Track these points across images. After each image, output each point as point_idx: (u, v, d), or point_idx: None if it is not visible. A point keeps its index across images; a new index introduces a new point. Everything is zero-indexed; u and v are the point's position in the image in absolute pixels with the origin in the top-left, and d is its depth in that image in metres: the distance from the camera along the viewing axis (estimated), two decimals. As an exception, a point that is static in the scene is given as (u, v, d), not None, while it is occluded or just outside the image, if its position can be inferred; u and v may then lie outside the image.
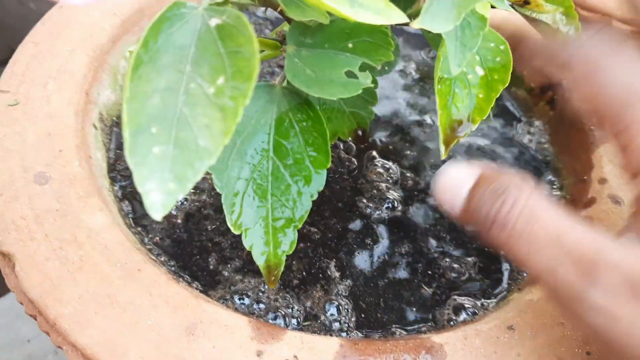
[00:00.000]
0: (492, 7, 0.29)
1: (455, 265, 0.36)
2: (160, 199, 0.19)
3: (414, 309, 0.34)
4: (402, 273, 0.36)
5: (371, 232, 0.37)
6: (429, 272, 0.36)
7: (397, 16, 0.22)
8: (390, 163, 0.41)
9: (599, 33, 0.29)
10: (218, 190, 0.27)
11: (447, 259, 0.37)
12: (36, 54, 0.39)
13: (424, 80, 0.49)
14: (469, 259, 0.37)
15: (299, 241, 0.29)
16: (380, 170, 0.41)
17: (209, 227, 0.36)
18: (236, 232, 0.27)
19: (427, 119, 0.46)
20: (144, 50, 0.21)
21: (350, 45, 0.27)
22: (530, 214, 0.24)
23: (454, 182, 0.25)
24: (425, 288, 0.35)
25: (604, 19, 0.59)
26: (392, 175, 0.41)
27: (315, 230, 0.37)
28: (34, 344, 0.60)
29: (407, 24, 0.23)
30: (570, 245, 0.23)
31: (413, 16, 0.31)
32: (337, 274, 0.35)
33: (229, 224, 0.27)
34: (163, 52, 0.21)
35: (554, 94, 0.47)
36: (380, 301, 0.34)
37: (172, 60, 0.22)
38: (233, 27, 0.22)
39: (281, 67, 0.46)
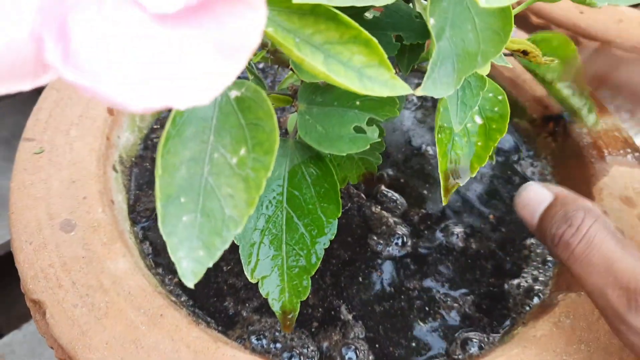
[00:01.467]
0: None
1: (463, 300, 0.38)
2: (191, 267, 0.21)
3: (426, 345, 0.36)
4: (413, 309, 0.37)
5: (382, 269, 0.39)
6: (438, 307, 0.37)
7: (401, 88, 0.23)
8: (397, 196, 0.43)
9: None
10: (236, 242, 0.29)
11: (455, 294, 0.38)
12: (58, 100, 0.41)
13: (427, 110, 0.51)
14: (475, 293, 0.38)
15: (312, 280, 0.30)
16: (389, 204, 0.42)
17: (225, 267, 0.38)
18: (253, 281, 0.29)
19: (430, 149, 0.47)
20: (172, 126, 0.22)
21: (357, 103, 0.29)
22: (590, 240, 0.28)
23: (533, 201, 0.30)
24: (435, 323, 0.37)
25: (605, 46, 0.61)
26: (400, 209, 0.42)
27: (328, 268, 0.38)
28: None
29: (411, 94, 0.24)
30: (620, 273, 0.27)
31: (417, 68, 0.33)
32: (350, 314, 0.36)
33: (246, 273, 0.29)
34: (188, 124, 0.23)
35: (556, 125, 0.48)
36: (393, 338, 0.36)
37: (196, 131, 0.23)
38: (252, 100, 0.23)
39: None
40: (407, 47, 0.30)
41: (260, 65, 0.53)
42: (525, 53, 0.35)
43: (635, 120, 0.76)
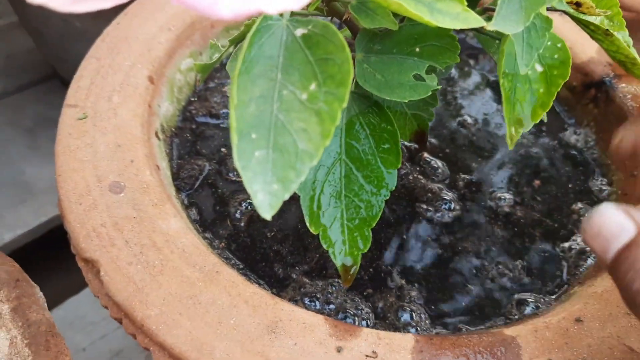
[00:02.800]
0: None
1: (515, 264, 0.37)
2: (267, 200, 0.20)
3: (480, 306, 0.35)
4: (465, 273, 0.36)
5: (432, 234, 0.38)
6: (490, 271, 0.37)
7: (474, 20, 0.23)
8: (440, 163, 0.42)
9: None
10: (297, 192, 0.28)
11: (507, 258, 0.37)
12: (99, 68, 0.41)
13: (462, 81, 0.50)
14: (527, 257, 0.38)
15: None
16: (433, 171, 0.42)
17: (274, 230, 0.37)
18: (315, 232, 0.28)
19: (468, 118, 0.47)
20: (242, 62, 0.22)
21: (417, 49, 0.28)
22: None
23: (608, 232, 0.24)
24: (488, 286, 0.36)
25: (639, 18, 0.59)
26: (444, 176, 0.42)
27: (380, 234, 0.38)
28: (89, 352, 0.62)
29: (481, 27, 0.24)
30: None
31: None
32: (403, 277, 0.36)
33: (307, 224, 0.28)
34: (255, 62, 0.23)
35: (597, 91, 0.48)
36: (447, 300, 0.35)
37: (264, 69, 0.23)
38: (320, 35, 0.23)
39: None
40: (466, -7, 0.29)
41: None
42: (578, 5, 0.34)
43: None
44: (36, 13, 0.74)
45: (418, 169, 0.42)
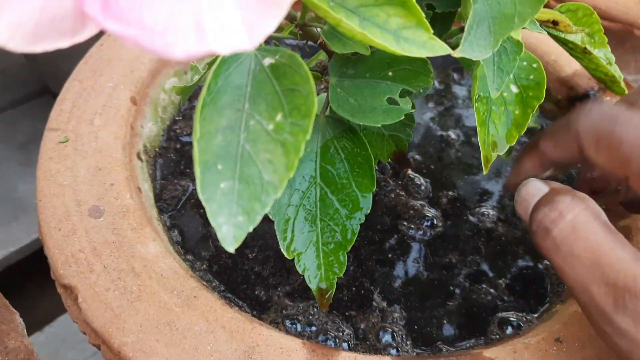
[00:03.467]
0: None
1: (498, 282, 0.37)
2: (232, 232, 0.20)
3: (461, 326, 0.35)
4: (448, 291, 0.36)
5: (413, 252, 0.38)
6: (473, 290, 0.37)
7: (441, 48, 0.23)
8: (424, 180, 0.42)
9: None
10: (271, 217, 0.28)
11: (489, 276, 0.37)
12: (81, 91, 0.41)
13: (447, 96, 0.50)
14: (510, 273, 0.37)
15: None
16: (416, 188, 0.42)
17: (255, 250, 0.37)
18: (289, 257, 0.28)
19: (451, 134, 0.47)
20: (207, 93, 0.22)
21: (390, 73, 0.28)
22: (574, 227, 0.25)
23: (527, 197, 0.28)
24: (471, 305, 0.36)
25: (626, 28, 0.60)
26: (427, 193, 0.42)
27: (360, 253, 0.38)
28: (79, 370, 0.62)
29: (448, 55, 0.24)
30: (607, 268, 0.23)
31: (448, 38, 0.32)
32: (384, 297, 0.36)
33: (282, 249, 0.28)
34: (222, 92, 0.23)
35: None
36: (428, 320, 0.35)
37: (231, 100, 0.23)
38: (287, 66, 0.23)
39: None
40: (439, 15, 0.29)
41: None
42: (555, 23, 0.34)
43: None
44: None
45: (401, 185, 0.42)
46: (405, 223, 0.39)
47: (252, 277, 0.36)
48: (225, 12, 0.16)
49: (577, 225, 0.25)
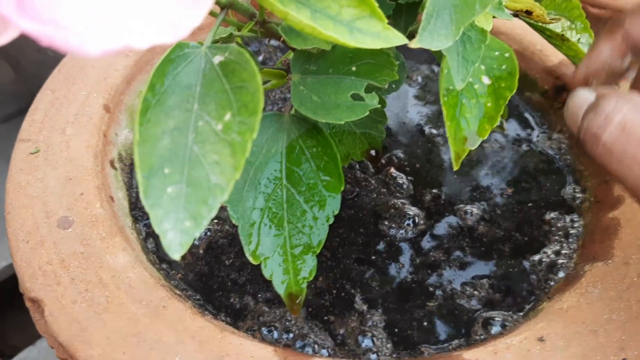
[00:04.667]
0: (494, 17, 0.29)
1: (483, 280, 0.36)
2: (178, 238, 0.19)
3: (445, 327, 0.34)
4: (431, 291, 0.35)
5: (396, 252, 0.37)
6: (457, 288, 0.35)
7: (396, 38, 0.22)
8: (406, 178, 0.41)
9: None
10: (234, 222, 0.27)
11: (475, 273, 0.36)
12: (53, 100, 0.40)
13: (431, 92, 0.49)
14: (496, 272, 0.36)
15: (324, 269, 0.29)
16: (398, 187, 0.41)
17: (232, 257, 0.36)
18: (255, 263, 0.27)
19: (435, 131, 0.46)
20: (151, 94, 0.21)
21: (353, 68, 0.27)
22: (622, 127, 0.23)
23: (575, 109, 0.26)
24: (455, 305, 0.35)
25: (616, 14, 0.58)
26: (411, 191, 0.41)
27: (340, 255, 0.37)
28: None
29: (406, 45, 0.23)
30: None
31: (415, 31, 0.31)
32: (365, 300, 0.35)
33: (247, 255, 0.27)
34: (170, 93, 0.22)
35: (569, 94, 0.46)
36: (410, 322, 0.34)
37: (180, 100, 0.22)
38: (236, 63, 0.22)
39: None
40: (404, 6, 0.28)
41: (260, 58, 0.52)
42: (528, 13, 0.33)
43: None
44: (13, 42, 0.74)
45: (383, 184, 0.41)
46: (387, 222, 0.38)
47: (228, 285, 0.35)
48: (142, 7, 0.15)
49: (627, 125, 0.24)
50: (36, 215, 0.34)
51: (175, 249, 0.20)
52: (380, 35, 0.22)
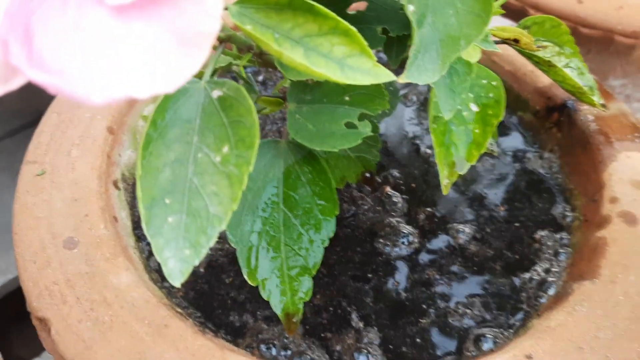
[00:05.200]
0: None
1: (475, 298, 0.37)
2: (178, 266, 0.21)
3: (437, 344, 0.35)
4: (424, 309, 0.36)
5: (391, 271, 0.38)
6: (449, 306, 0.37)
7: (384, 75, 0.23)
8: (401, 197, 0.42)
9: None
10: (233, 245, 0.29)
11: (467, 291, 0.37)
12: (59, 123, 0.42)
13: (426, 113, 0.50)
14: (487, 289, 0.37)
15: (321, 287, 0.30)
16: (393, 205, 0.42)
17: (232, 275, 0.38)
18: (253, 284, 0.29)
19: (430, 150, 0.47)
20: (152, 129, 0.22)
21: (347, 98, 0.29)
22: None
23: None
24: (448, 322, 0.36)
25: (607, 35, 0.60)
26: (406, 210, 0.42)
27: (336, 272, 0.38)
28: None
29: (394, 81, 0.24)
30: None
31: (406, 59, 0.33)
32: (360, 318, 0.36)
33: (245, 277, 0.29)
34: (171, 126, 0.23)
35: (560, 115, 0.48)
36: (403, 338, 0.35)
37: (180, 133, 0.23)
38: (234, 98, 0.23)
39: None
40: (395, 39, 0.30)
41: (260, 78, 0.53)
42: (516, 41, 0.34)
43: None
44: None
45: (379, 203, 0.42)
46: (382, 240, 0.39)
47: (228, 303, 0.36)
48: (145, 57, 0.16)
49: None
50: (43, 236, 0.35)
51: (176, 277, 0.21)
52: (370, 72, 0.23)
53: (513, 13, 0.62)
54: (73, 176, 0.38)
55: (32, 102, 0.93)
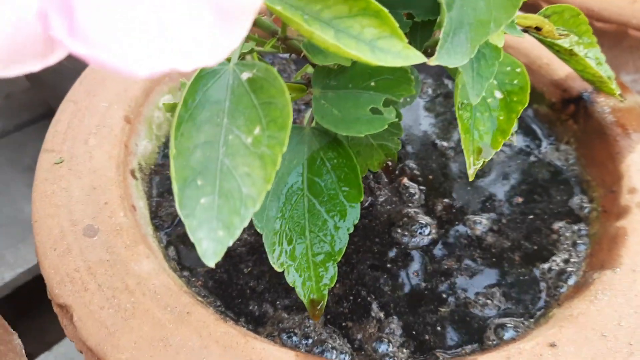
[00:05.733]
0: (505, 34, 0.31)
1: (495, 287, 0.37)
2: (212, 247, 0.21)
3: (458, 333, 0.35)
4: (444, 298, 0.36)
5: (409, 260, 0.38)
6: (471, 296, 0.36)
7: (416, 57, 0.23)
8: (419, 188, 0.42)
9: None
10: (259, 230, 0.29)
11: (487, 281, 0.37)
12: (76, 111, 0.42)
13: (443, 105, 0.50)
14: (507, 279, 0.37)
15: (340, 276, 0.30)
16: (411, 196, 0.42)
17: (250, 265, 0.37)
18: (278, 270, 0.29)
19: (446, 143, 0.47)
20: (184, 109, 0.22)
21: (372, 83, 0.29)
22: None
23: None
24: (468, 312, 0.36)
25: (620, 29, 0.60)
26: (424, 201, 0.42)
27: (355, 262, 0.38)
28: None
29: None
30: None
31: (430, 47, 0.33)
32: (381, 306, 0.36)
33: (271, 262, 0.29)
34: (200, 108, 0.23)
35: (576, 107, 0.47)
36: (423, 327, 0.35)
37: (210, 115, 0.23)
38: (264, 79, 0.23)
39: (307, 104, 0.47)
40: (419, 24, 0.30)
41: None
42: (538, 29, 0.34)
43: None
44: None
45: (397, 194, 0.42)
46: (399, 230, 0.39)
47: (247, 292, 0.36)
48: (186, 29, 0.16)
49: None
50: (62, 224, 0.35)
51: (210, 257, 0.21)
52: (400, 54, 0.23)
53: (526, 6, 0.62)
54: (91, 165, 0.38)
55: (41, 96, 0.93)
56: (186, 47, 0.16)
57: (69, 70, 0.74)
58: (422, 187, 0.43)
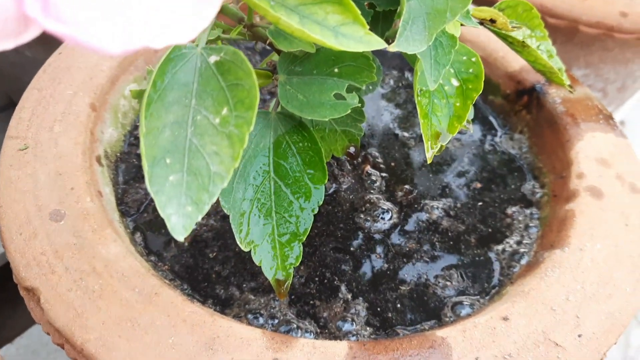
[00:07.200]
0: (462, 24, 0.32)
1: (452, 268, 0.38)
2: (181, 222, 0.21)
3: (418, 311, 0.36)
4: (404, 279, 0.38)
5: (371, 244, 0.40)
6: (430, 276, 0.38)
7: (377, 43, 0.24)
8: (380, 175, 0.44)
9: None
10: (226, 211, 0.29)
11: (444, 263, 0.39)
12: (40, 99, 0.41)
13: (403, 97, 0.52)
14: (464, 260, 0.39)
15: (304, 259, 0.31)
16: (373, 183, 0.43)
17: (215, 250, 0.38)
18: (245, 249, 0.30)
19: (406, 133, 0.48)
20: (153, 90, 0.23)
21: (336, 70, 0.30)
22: None
23: None
24: (428, 291, 0.37)
25: (572, 25, 0.62)
26: (383, 187, 0.43)
27: (318, 244, 0.39)
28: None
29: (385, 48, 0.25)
30: None
31: (391, 37, 0.34)
32: (343, 288, 0.37)
33: (238, 242, 0.29)
34: (169, 90, 0.24)
35: (529, 98, 0.50)
36: (385, 307, 0.36)
37: (178, 96, 0.24)
38: (231, 62, 0.24)
39: (272, 94, 0.48)
40: (381, 14, 0.31)
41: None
42: (492, 21, 0.36)
43: (607, 100, 0.77)
44: (-13, 44, 0.74)
45: (359, 180, 0.43)
46: (362, 216, 0.41)
47: (213, 276, 0.37)
48: (158, 7, 0.17)
49: None
50: (28, 209, 0.35)
51: (179, 232, 0.21)
52: (362, 39, 0.24)
53: (482, 1, 0.64)
54: (57, 151, 0.38)
55: (4, 87, 0.91)
56: (158, 25, 0.17)
57: (30, 61, 0.73)
58: (384, 174, 0.44)
